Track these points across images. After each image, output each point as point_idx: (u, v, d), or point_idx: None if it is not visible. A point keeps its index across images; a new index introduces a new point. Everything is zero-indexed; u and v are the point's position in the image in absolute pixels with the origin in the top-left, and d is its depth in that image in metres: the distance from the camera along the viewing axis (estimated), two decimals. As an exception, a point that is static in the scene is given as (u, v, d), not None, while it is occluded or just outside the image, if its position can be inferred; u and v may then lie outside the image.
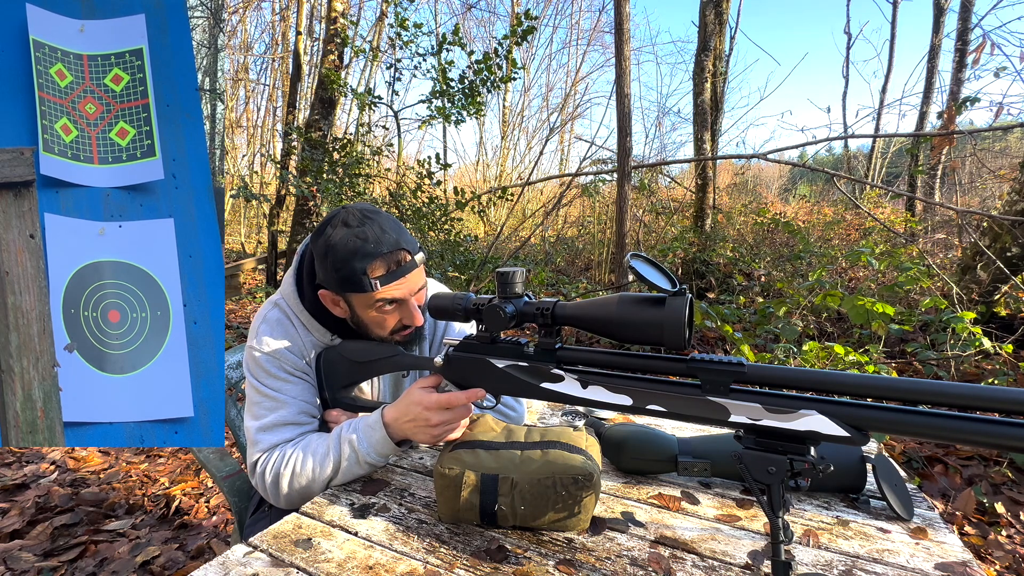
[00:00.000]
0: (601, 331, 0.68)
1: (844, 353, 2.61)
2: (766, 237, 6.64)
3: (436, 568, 0.69)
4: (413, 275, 0.93)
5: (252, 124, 12.63)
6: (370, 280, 0.89)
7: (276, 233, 6.21)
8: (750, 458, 0.60)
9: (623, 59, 3.92)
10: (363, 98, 5.06)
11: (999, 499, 2.07)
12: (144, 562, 1.73)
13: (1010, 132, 8.56)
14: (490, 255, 5.29)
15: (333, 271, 0.90)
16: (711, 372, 0.62)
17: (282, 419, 0.96)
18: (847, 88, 11.35)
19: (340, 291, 0.93)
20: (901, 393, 0.55)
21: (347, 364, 0.96)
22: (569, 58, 18.59)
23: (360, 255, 0.88)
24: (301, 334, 1.01)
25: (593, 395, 0.70)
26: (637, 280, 0.62)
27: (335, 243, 0.90)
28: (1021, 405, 0.48)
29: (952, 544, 0.76)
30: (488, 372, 0.80)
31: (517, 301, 0.76)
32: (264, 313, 1.02)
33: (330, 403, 0.98)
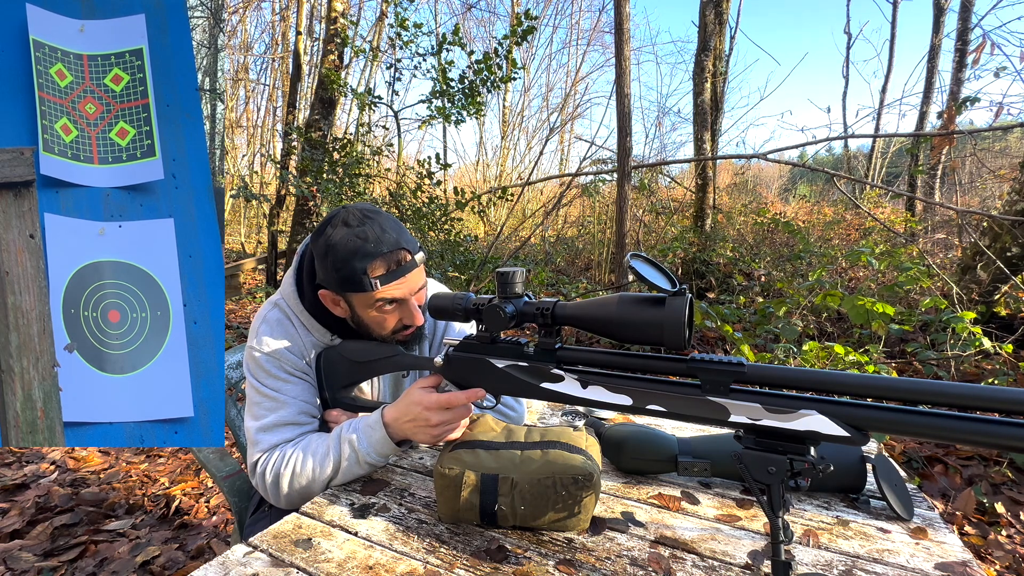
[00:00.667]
0: (601, 331, 0.68)
1: (844, 353, 2.61)
2: (766, 237, 6.64)
3: (436, 568, 0.69)
4: (413, 275, 0.93)
5: (252, 124, 12.63)
6: (370, 280, 0.89)
7: (276, 233, 6.21)
8: (750, 458, 0.60)
9: (623, 59, 3.92)
10: (363, 98, 5.06)
11: (999, 499, 2.07)
12: (144, 562, 1.73)
13: (1010, 132, 8.56)
14: (490, 255, 5.29)
15: (333, 271, 0.90)
16: (711, 372, 0.62)
17: (282, 419, 0.96)
18: (847, 88, 11.35)
19: (340, 291, 0.93)
20: (901, 393, 0.55)
21: (347, 364, 0.96)
22: (569, 58, 18.58)
23: (360, 255, 0.89)
24: (301, 334, 1.01)
25: (593, 395, 0.70)
26: (637, 280, 0.62)
27: (335, 243, 0.90)
28: (1021, 405, 0.48)
29: (952, 544, 0.76)
30: (488, 372, 0.80)
31: (517, 301, 0.77)
32: (264, 313, 1.02)
33: (330, 403, 0.98)
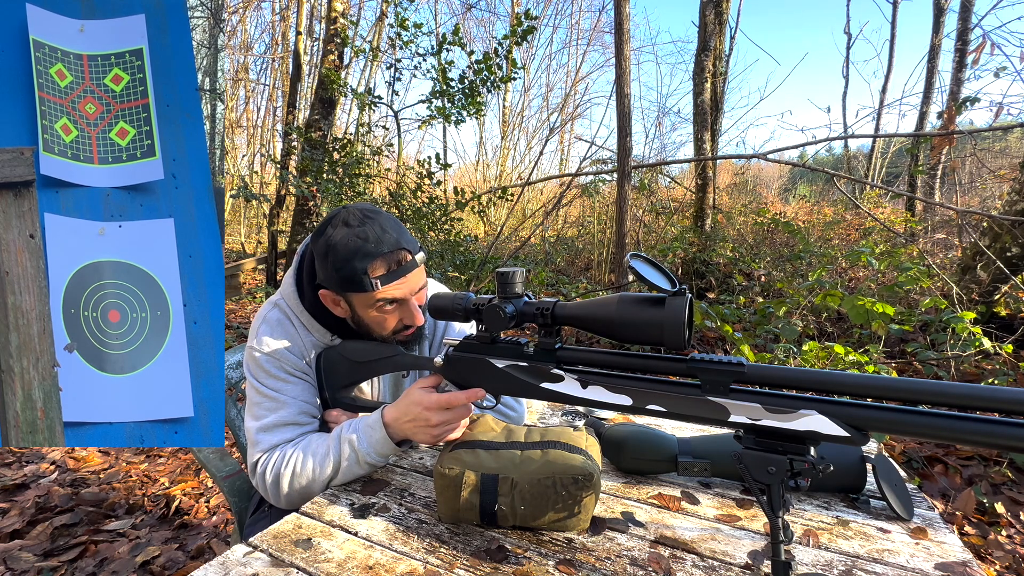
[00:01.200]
0: (601, 331, 0.68)
1: (844, 353, 2.61)
2: (766, 237, 6.64)
3: (436, 568, 0.69)
4: (414, 275, 0.93)
5: (252, 124, 12.62)
6: (371, 280, 0.89)
7: (276, 233, 6.21)
8: (750, 458, 0.60)
9: (623, 59, 3.92)
10: (363, 98, 5.06)
11: (999, 499, 2.07)
12: (144, 562, 1.73)
13: (1010, 132, 8.56)
14: (490, 255, 5.29)
15: (334, 271, 0.90)
16: (711, 372, 0.62)
17: (282, 419, 0.96)
18: (847, 88, 11.35)
19: (341, 291, 0.93)
20: (901, 393, 0.55)
21: (347, 364, 0.96)
22: (569, 58, 18.59)
23: (361, 255, 0.89)
24: (301, 334, 1.01)
25: (593, 395, 0.70)
26: (637, 280, 0.61)
27: (336, 243, 0.90)
28: (1021, 405, 0.49)
29: (952, 544, 0.76)
30: (488, 372, 0.80)
31: (517, 301, 0.76)
32: (264, 314, 1.02)
33: (330, 403, 0.98)
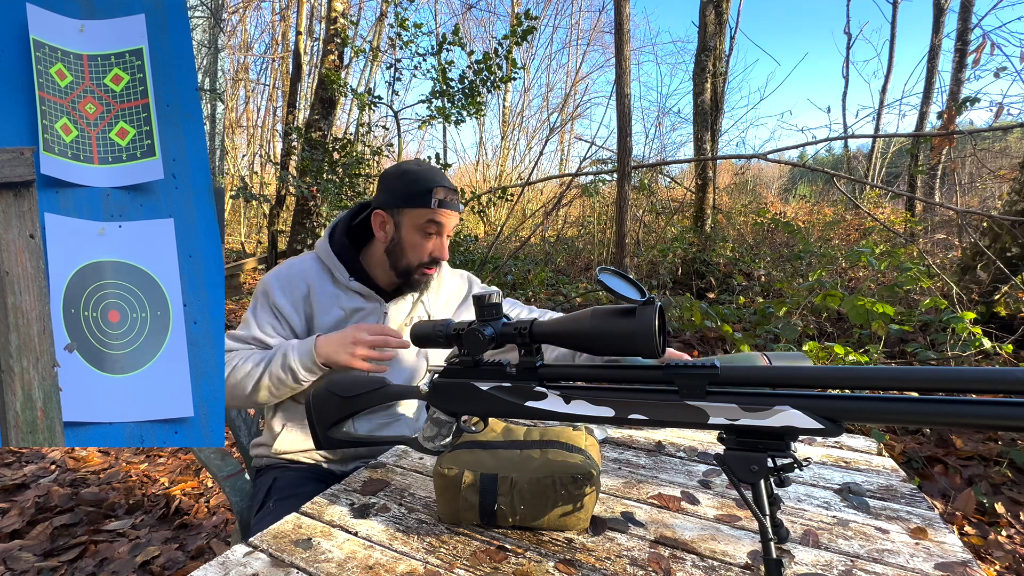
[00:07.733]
0: (578, 346, 0.68)
1: (844, 353, 2.61)
2: (766, 237, 6.65)
3: (436, 568, 0.69)
4: (456, 215, 1.12)
5: (252, 124, 12.63)
6: (434, 198, 1.07)
7: (276, 233, 6.21)
8: (733, 458, 0.61)
9: (623, 59, 3.92)
10: (363, 98, 5.06)
11: (999, 499, 2.07)
12: (144, 562, 1.73)
13: (1010, 132, 8.55)
14: (490, 255, 5.28)
15: (405, 185, 1.09)
16: (686, 377, 0.63)
17: (247, 336, 1.12)
18: (847, 88, 11.35)
19: (402, 204, 1.09)
20: (871, 382, 0.56)
21: (336, 401, 0.91)
22: (569, 58, 18.54)
23: (432, 178, 1.09)
24: (314, 269, 1.15)
25: (576, 409, 0.70)
26: (606, 293, 0.62)
27: (411, 168, 1.11)
28: (991, 384, 0.50)
29: (952, 544, 0.76)
30: (473, 396, 0.79)
31: (496, 323, 0.75)
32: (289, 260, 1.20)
33: (323, 442, 0.92)
